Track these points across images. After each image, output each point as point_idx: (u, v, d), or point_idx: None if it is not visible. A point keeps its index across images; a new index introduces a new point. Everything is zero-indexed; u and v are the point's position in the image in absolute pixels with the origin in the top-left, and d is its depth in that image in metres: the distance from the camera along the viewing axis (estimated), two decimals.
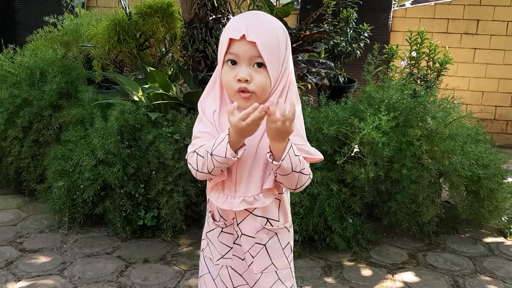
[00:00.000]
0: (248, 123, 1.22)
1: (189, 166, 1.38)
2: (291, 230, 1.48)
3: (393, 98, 2.84)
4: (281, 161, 1.26)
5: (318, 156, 1.37)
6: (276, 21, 1.34)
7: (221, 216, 1.44)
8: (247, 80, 1.29)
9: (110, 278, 2.47)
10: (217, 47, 3.28)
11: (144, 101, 3.18)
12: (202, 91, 1.49)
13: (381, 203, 2.83)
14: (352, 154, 2.66)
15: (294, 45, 3.07)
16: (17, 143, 3.21)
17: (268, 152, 1.30)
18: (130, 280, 2.46)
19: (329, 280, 2.50)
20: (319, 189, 2.65)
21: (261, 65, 1.29)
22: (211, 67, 3.34)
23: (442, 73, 3.42)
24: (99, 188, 2.80)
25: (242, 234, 1.40)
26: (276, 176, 1.32)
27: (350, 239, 2.73)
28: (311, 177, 1.36)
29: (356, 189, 2.73)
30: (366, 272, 2.59)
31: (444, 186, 2.98)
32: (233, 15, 3.47)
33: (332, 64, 3.24)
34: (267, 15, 1.34)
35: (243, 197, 1.35)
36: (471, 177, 2.76)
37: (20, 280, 2.43)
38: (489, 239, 2.96)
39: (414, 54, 3.48)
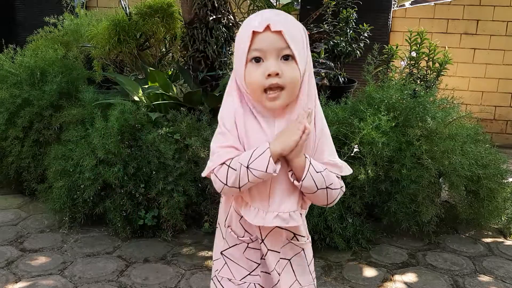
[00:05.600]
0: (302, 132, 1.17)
1: (215, 180, 1.25)
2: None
3: (393, 98, 2.84)
4: (301, 181, 1.20)
5: (346, 171, 1.29)
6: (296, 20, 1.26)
7: (246, 230, 1.32)
8: (277, 74, 1.18)
9: (110, 278, 2.47)
10: (217, 47, 3.30)
11: (144, 101, 3.19)
12: (202, 91, 1.45)
13: (381, 203, 2.83)
14: (352, 154, 2.66)
15: None
16: (18, 143, 3.22)
17: (289, 171, 1.23)
18: (131, 279, 2.46)
19: (329, 279, 2.50)
20: None
21: (288, 57, 1.19)
22: (211, 67, 3.35)
23: (441, 73, 3.42)
24: (99, 188, 2.80)
25: (268, 249, 1.30)
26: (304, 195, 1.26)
27: (350, 239, 2.73)
28: (344, 190, 1.27)
29: (356, 189, 2.74)
30: (366, 271, 2.59)
31: (444, 186, 2.99)
32: (233, 15, 3.48)
33: (332, 64, 3.25)
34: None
35: (277, 212, 1.24)
36: (471, 177, 2.77)
37: (20, 280, 2.43)
38: (488, 239, 2.96)
39: (413, 54, 3.48)
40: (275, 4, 3.82)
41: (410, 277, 2.55)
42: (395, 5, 4.94)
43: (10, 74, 3.36)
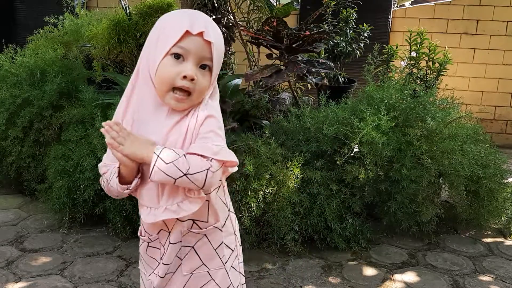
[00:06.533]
0: (108, 142, 1.20)
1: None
2: (227, 229, 1.40)
3: (393, 98, 2.85)
4: (149, 178, 1.19)
5: (224, 155, 1.22)
6: None
7: (145, 231, 1.37)
8: (193, 79, 1.21)
9: (110, 278, 2.47)
10: None
11: None
12: None
13: (381, 203, 2.83)
14: (352, 154, 2.66)
15: (294, 45, 3.08)
16: (18, 143, 3.22)
17: None
18: (131, 279, 2.46)
19: (329, 279, 2.50)
20: (319, 189, 2.66)
21: (205, 67, 1.24)
22: None
23: (441, 73, 3.42)
24: (99, 188, 2.80)
25: (169, 243, 1.33)
26: None
27: (350, 238, 2.73)
28: (214, 170, 1.19)
29: (356, 189, 2.74)
30: (366, 271, 2.59)
31: (444, 186, 2.99)
32: (233, 15, 3.48)
33: (332, 64, 3.24)
34: None
35: (165, 206, 1.26)
36: (471, 177, 2.77)
37: (20, 280, 2.43)
38: (488, 239, 2.96)
39: (413, 54, 3.48)
40: (275, 4, 3.82)
41: (410, 277, 2.55)
42: (395, 5, 4.94)
43: (10, 74, 3.36)
